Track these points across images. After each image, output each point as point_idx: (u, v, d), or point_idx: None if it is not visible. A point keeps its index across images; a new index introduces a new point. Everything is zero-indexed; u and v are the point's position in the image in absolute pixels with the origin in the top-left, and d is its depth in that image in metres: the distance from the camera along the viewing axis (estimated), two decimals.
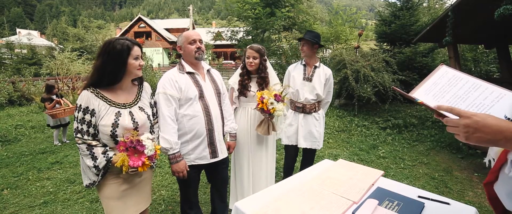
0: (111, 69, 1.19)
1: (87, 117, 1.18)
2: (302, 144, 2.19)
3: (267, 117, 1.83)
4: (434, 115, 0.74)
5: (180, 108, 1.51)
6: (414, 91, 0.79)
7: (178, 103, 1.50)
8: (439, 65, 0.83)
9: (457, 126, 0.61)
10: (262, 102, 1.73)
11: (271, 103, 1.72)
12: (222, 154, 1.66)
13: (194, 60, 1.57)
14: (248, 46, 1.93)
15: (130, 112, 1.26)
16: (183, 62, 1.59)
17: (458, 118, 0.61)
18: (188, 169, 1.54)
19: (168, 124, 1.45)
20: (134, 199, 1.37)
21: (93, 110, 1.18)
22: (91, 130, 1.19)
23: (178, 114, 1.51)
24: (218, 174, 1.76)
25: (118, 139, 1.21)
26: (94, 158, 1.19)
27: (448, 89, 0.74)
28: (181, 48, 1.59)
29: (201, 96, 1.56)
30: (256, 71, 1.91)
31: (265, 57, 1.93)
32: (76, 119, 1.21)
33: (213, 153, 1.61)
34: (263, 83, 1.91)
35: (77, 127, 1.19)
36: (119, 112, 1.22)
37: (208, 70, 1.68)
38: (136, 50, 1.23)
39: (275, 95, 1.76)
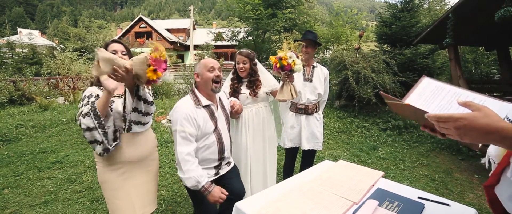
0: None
1: (91, 99, 1.30)
2: (305, 146, 2.18)
3: (286, 77, 1.73)
4: (421, 126, 0.76)
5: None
6: (402, 101, 0.81)
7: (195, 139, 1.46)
8: (422, 77, 0.84)
9: (449, 128, 0.61)
10: (281, 59, 1.65)
11: (290, 57, 1.64)
12: (222, 170, 1.62)
13: (210, 92, 1.50)
14: (237, 52, 1.90)
15: (122, 101, 1.36)
16: (198, 94, 1.51)
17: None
18: (225, 193, 1.43)
19: (189, 160, 1.38)
20: (140, 200, 1.39)
21: (97, 95, 1.32)
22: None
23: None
24: (228, 185, 1.62)
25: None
26: (85, 114, 1.20)
27: (433, 100, 0.76)
28: (198, 76, 1.50)
29: (216, 128, 1.53)
30: (247, 76, 1.91)
31: (255, 61, 1.91)
32: (80, 106, 1.28)
33: (216, 174, 1.59)
34: (254, 86, 1.89)
35: (80, 111, 1.23)
36: (112, 100, 1.34)
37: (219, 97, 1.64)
38: (112, 45, 1.38)
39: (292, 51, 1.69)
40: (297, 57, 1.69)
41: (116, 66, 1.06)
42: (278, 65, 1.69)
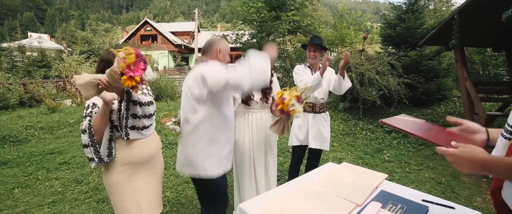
0: (103, 67, 1.32)
1: (89, 110, 1.32)
2: (312, 144, 2.20)
3: (284, 117, 1.76)
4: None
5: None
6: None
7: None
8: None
9: (450, 156, 0.71)
10: (283, 103, 1.66)
11: (292, 104, 1.65)
12: None
13: None
14: None
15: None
16: None
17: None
18: None
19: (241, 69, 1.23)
20: (147, 202, 1.41)
21: (94, 104, 1.33)
22: None
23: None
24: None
25: (113, 120, 1.33)
26: (83, 130, 1.26)
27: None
28: (221, 52, 1.49)
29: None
30: None
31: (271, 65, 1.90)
32: (84, 117, 1.29)
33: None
34: (266, 91, 1.89)
35: (81, 124, 1.27)
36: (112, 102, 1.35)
37: None
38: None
39: (297, 96, 1.67)
40: (301, 102, 1.67)
41: (97, 82, 1.10)
42: (279, 106, 1.68)
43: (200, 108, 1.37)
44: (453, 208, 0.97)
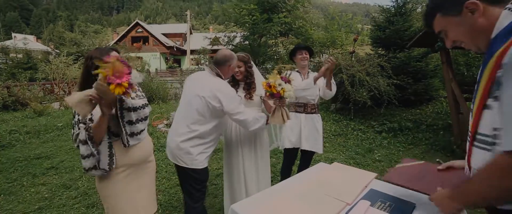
0: (96, 67, 1.27)
1: (80, 116, 1.26)
2: (305, 146, 2.20)
3: (278, 102, 1.73)
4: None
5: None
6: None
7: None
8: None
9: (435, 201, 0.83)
10: (270, 86, 1.65)
11: (279, 84, 1.63)
12: None
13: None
14: None
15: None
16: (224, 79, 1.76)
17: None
18: None
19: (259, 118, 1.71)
20: (142, 202, 1.40)
21: None
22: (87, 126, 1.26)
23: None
24: None
25: (110, 126, 1.29)
26: (79, 140, 1.21)
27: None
28: (230, 68, 1.72)
29: None
30: (243, 79, 1.92)
31: (250, 63, 1.92)
32: (74, 125, 1.26)
33: None
34: (250, 89, 1.91)
35: (76, 134, 1.23)
36: None
37: None
38: (114, 53, 1.35)
39: (281, 77, 1.68)
40: (289, 82, 1.67)
41: (89, 98, 1.09)
42: (267, 92, 1.69)
43: (210, 118, 1.62)
44: (428, 194, 0.95)
